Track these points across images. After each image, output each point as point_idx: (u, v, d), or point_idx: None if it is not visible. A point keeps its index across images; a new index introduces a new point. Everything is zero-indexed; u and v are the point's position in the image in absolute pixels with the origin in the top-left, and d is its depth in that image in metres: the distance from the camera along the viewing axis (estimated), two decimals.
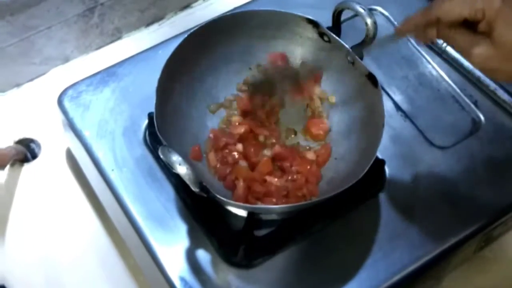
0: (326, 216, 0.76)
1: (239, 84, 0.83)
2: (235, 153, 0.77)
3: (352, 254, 0.75)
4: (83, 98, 0.84)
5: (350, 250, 0.75)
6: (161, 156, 0.66)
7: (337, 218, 0.77)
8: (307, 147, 0.80)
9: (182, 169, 0.65)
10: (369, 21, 0.76)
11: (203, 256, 0.74)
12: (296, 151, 0.79)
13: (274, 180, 0.76)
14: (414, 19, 0.67)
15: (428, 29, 0.66)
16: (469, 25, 0.63)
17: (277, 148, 0.78)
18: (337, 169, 0.77)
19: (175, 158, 0.65)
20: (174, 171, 0.66)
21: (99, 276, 0.84)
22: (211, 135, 0.79)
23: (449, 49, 0.89)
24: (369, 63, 0.78)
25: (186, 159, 0.70)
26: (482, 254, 0.84)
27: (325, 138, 0.81)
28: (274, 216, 0.77)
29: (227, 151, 0.77)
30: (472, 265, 0.84)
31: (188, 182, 0.66)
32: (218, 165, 0.77)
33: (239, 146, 0.78)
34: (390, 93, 0.87)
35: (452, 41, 0.65)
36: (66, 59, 1.00)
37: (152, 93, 0.73)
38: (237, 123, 0.80)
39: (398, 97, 0.87)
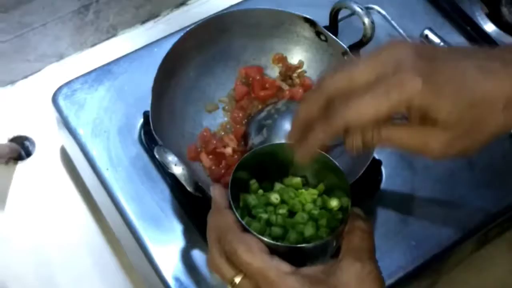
0: None
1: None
2: (228, 155, 0.77)
3: None
4: (78, 96, 0.84)
5: None
6: (157, 156, 0.66)
7: None
8: None
9: (177, 169, 0.65)
10: (366, 20, 0.76)
11: (198, 256, 0.73)
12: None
13: None
14: (314, 139, 0.51)
15: (347, 141, 0.51)
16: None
17: None
18: None
19: (171, 158, 0.65)
20: (169, 171, 0.65)
21: (93, 275, 0.84)
22: (204, 133, 0.78)
23: None
24: None
25: (182, 158, 0.69)
26: (479, 254, 0.84)
27: None
28: None
29: (218, 152, 0.77)
30: (469, 265, 0.84)
31: (183, 182, 0.65)
32: (212, 167, 0.76)
33: (229, 150, 0.77)
34: None
35: (395, 141, 0.51)
36: (61, 56, 1.00)
37: (147, 92, 0.72)
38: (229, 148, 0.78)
39: None
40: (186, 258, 0.73)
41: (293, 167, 0.62)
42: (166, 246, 0.74)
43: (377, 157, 0.78)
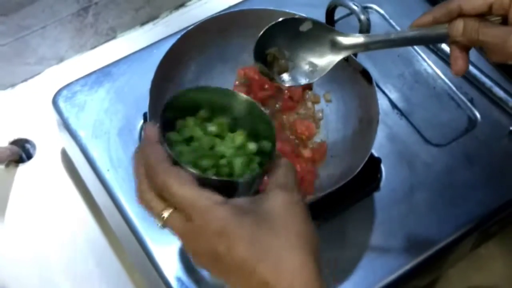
0: (322, 214, 0.76)
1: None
2: None
3: (347, 253, 0.75)
4: (78, 98, 0.84)
5: (346, 249, 0.75)
6: None
7: (333, 217, 0.77)
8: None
9: None
10: (362, 17, 0.76)
11: None
12: (292, 149, 0.79)
13: None
14: (432, 12, 0.62)
15: (451, 23, 0.60)
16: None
17: None
18: (333, 167, 0.77)
19: None
20: None
21: (95, 276, 0.84)
22: None
23: (444, 46, 0.89)
24: (364, 61, 0.78)
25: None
26: (478, 252, 0.84)
27: (311, 139, 0.81)
28: None
29: None
30: (468, 262, 0.84)
31: None
32: None
33: None
34: (386, 91, 0.87)
35: (482, 35, 0.58)
36: (61, 59, 1.00)
37: (147, 93, 0.72)
38: None
39: (393, 95, 0.87)
40: (187, 258, 0.73)
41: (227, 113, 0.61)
42: (167, 246, 0.74)
43: (376, 154, 0.78)
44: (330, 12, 0.80)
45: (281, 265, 0.49)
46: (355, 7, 0.75)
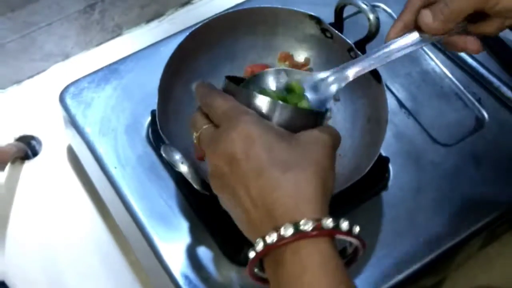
0: (330, 213, 0.76)
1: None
2: None
3: None
4: (85, 95, 0.84)
5: None
6: (163, 155, 0.66)
7: (340, 216, 0.76)
8: None
9: (184, 168, 0.65)
10: (371, 16, 0.76)
11: (206, 253, 0.74)
12: None
13: None
14: (400, 17, 0.63)
15: (419, 16, 0.60)
16: None
17: None
18: (341, 165, 0.77)
19: (178, 157, 0.65)
20: (176, 169, 0.65)
21: (101, 273, 0.84)
22: None
23: None
24: None
25: (189, 157, 0.69)
26: (486, 251, 0.84)
27: None
28: None
29: None
30: (476, 262, 0.84)
31: (190, 180, 0.65)
32: None
33: None
34: (394, 90, 0.87)
35: (451, 3, 0.58)
36: (67, 56, 1.00)
37: (154, 90, 0.72)
38: None
39: (401, 94, 0.86)
40: (194, 255, 0.73)
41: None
42: (174, 243, 0.74)
43: (384, 154, 0.78)
44: (339, 10, 0.80)
45: (288, 177, 0.50)
46: (364, 6, 0.75)
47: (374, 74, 0.75)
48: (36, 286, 0.82)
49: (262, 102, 0.57)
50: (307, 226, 0.48)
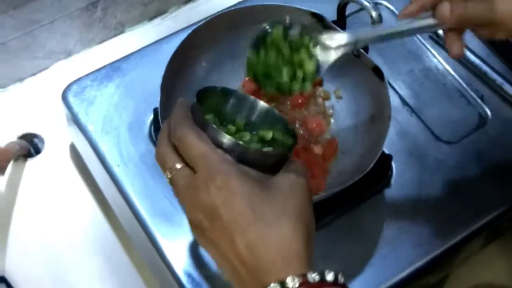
0: (332, 211, 0.76)
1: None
2: None
3: (359, 250, 0.75)
4: (87, 93, 0.84)
5: (357, 245, 0.75)
6: None
7: (344, 214, 0.76)
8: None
9: None
10: (374, 14, 0.75)
11: None
12: (303, 145, 0.78)
13: None
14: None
15: (438, 6, 0.62)
16: None
17: None
18: (344, 163, 0.77)
19: None
20: None
21: (104, 271, 0.84)
22: None
23: None
24: (374, 57, 0.78)
25: None
26: (489, 249, 0.84)
27: (321, 135, 0.80)
28: None
29: None
30: (479, 260, 0.84)
31: None
32: None
33: None
34: (396, 87, 0.87)
35: (470, 8, 0.61)
36: (69, 53, 1.00)
37: (157, 88, 0.72)
38: None
39: (404, 92, 0.86)
40: (197, 253, 0.73)
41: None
42: (177, 241, 0.74)
43: (387, 151, 0.78)
44: (341, 8, 0.80)
45: (273, 231, 0.50)
46: (367, 3, 0.75)
47: (377, 71, 0.75)
48: (38, 283, 0.82)
49: (227, 141, 0.54)
50: (293, 283, 0.48)
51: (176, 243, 0.74)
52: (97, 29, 0.99)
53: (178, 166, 0.54)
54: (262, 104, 0.62)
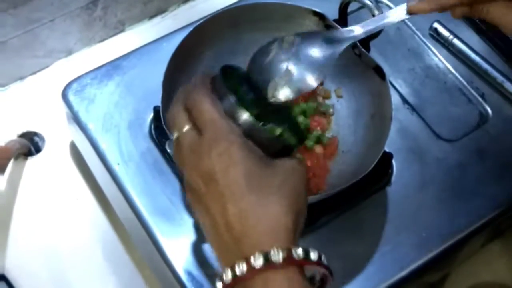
0: (332, 210, 0.76)
1: None
2: None
3: (359, 248, 0.75)
4: (88, 91, 0.84)
5: (357, 244, 0.75)
6: (168, 150, 0.66)
7: (344, 212, 0.76)
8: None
9: None
10: (376, 13, 0.75)
11: (210, 250, 0.73)
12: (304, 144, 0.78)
13: None
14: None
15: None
16: None
17: None
18: (344, 162, 0.77)
19: None
20: None
21: (104, 270, 0.84)
22: None
23: (456, 41, 0.89)
24: (375, 56, 0.78)
25: None
26: (489, 247, 0.84)
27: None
28: None
29: None
30: (480, 258, 0.84)
31: None
32: None
33: None
34: (397, 86, 0.87)
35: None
36: (69, 52, 1.00)
37: (157, 86, 0.72)
38: None
39: (404, 90, 0.86)
40: (198, 252, 0.73)
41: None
42: (178, 240, 0.74)
43: (387, 150, 0.78)
44: (343, 7, 0.80)
45: (266, 205, 0.50)
46: (368, 2, 0.75)
47: (378, 71, 0.75)
48: (38, 281, 0.82)
49: (241, 115, 0.55)
50: (277, 257, 0.48)
51: (176, 242, 0.74)
52: (98, 28, 0.99)
53: (187, 127, 0.54)
54: (279, 100, 0.63)
